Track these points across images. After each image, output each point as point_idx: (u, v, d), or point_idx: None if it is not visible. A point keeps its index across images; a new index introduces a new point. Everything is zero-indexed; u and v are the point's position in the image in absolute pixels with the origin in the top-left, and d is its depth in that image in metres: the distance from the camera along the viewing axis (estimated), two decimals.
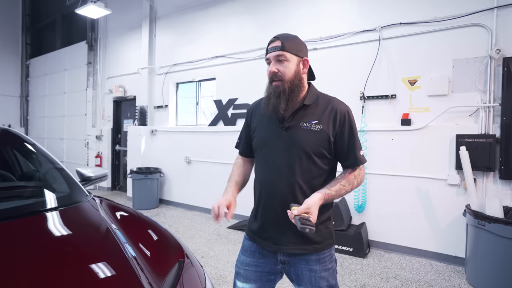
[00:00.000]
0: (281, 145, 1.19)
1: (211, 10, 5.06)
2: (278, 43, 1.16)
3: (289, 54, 1.16)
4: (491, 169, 2.91)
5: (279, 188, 1.18)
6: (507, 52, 2.90)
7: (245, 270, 1.27)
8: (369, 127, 3.57)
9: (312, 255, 1.19)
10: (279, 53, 1.15)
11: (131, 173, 5.34)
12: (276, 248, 1.21)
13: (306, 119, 1.18)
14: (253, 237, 1.28)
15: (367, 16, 3.65)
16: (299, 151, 1.16)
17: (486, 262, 2.54)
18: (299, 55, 1.19)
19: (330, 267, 1.21)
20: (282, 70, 1.16)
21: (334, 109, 1.19)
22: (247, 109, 1.42)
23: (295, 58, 1.18)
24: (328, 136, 1.17)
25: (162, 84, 5.70)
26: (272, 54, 1.17)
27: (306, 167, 1.16)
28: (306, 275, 1.19)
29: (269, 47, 1.19)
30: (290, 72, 1.16)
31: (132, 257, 1.16)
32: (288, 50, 1.16)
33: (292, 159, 1.17)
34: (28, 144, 1.88)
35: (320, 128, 1.17)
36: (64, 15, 8.02)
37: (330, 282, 1.19)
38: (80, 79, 7.29)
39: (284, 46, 1.15)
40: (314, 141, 1.16)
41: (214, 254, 3.32)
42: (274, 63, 1.18)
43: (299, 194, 1.16)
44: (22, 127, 9.11)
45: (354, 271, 2.95)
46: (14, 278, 0.94)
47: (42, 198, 1.56)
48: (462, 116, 3.12)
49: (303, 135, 1.16)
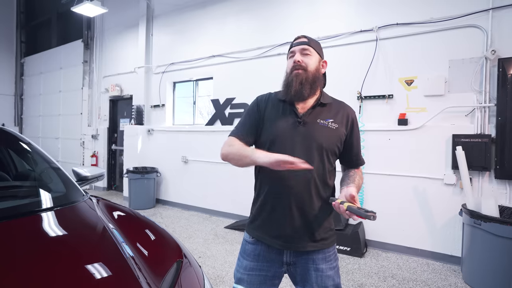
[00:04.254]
0: (299, 139, 1.18)
1: (209, 9, 5.04)
2: (305, 39, 1.26)
3: (313, 50, 1.24)
4: (486, 169, 2.93)
5: (294, 184, 1.16)
6: (502, 53, 2.92)
7: (249, 275, 1.23)
8: (366, 127, 3.59)
9: (319, 254, 1.20)
10: (305, 47, 1.23)
11: (128, 173, 5.31)
12: (287, 246, 1.19)
13: (322, 117, 1.22)
14: (260, 236, 1.23)
15: (364, 16, 3.66)
16: (317, 147, 1.18)
17: (482, 261, 2.56)
18: (320, 54, 1.28)
19: (334, 265, 1.23)
20: (306, 61, 1.22)
21: (346, 112, 1.26)
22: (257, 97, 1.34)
23: (317, 56, 1.26)
24: (341, 135, 1.22)
25: (159, 83, 5.67)
26: (298, 47, 1.24)
27: (321, 163, 1.19)
28: (313, 275, 1.19)
29: (295, 42, 1.27)
30: (313, 65, 1.23)
31: (130, 257, 1.14)
32: (313, 46, 1.25)
33: (310, 153, 1.17)
34: (23, 143, 1.85)
35: (336, 126, 1.21)
36: (59, 13, 7.94)
37: (335, 281, 1.21)
38: (76, 78, 7.22)
39: (309, 42, 1.25)
40: (330, 139, 1.20)
41: (211, 254, 3.31)
42: (299, 54, 1.23)
43: (313, 189, 1.17)
44: (16, 126, 9.01)
45: (352, 271, 2.96)
46: (10, 280, 0.93)
47: (38, 198, 1.53)
48: (458, 116, 3.14)
49: (321, 131, 1.19)
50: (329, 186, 1.22)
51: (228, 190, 4.68)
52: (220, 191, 4.80)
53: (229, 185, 4.63)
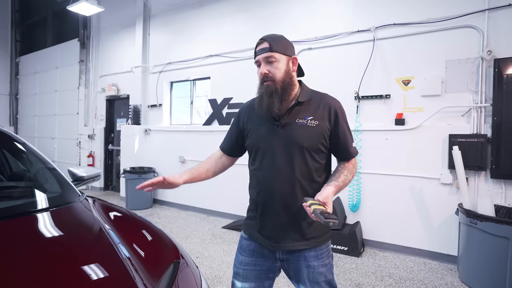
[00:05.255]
0: (279, 142, 1.19)
1: (206, 8, 5.02)
2: (266, 44, 1.18)
3: (277, 54, 1.18)
4: (482, 169, 2.95)
5: (279, 185, 1.18)
6: (498, 54, 2.94)
7: (244, 269, 1.27)
8: (364, 127, 3.59)
9: (311, 251, 1.22)
10: (268, 54, 1.17)
11: (124, 173, 5.28)
12: (277, 246, 1.21)
13: (301, 116, 1.20)
14: (253, 235, 1.28)
15: (362, 16, 3.67)
16: (298, 147, 1.17)
17: (478, 260, 2.58)
18: (287, 54, 1.21)
19: (327, 262, 1.24)
20: (272, 71, 1.18)
21: (327, 105, 1.22)
22: (239, 109, 1.42)
23: (284, 58, 1.19)
24: (324, 131, 1.20)
25: (156, 83, 5.65)
26: (261, 56, 1.19)
27: (304, 162, 1.18)
28: (304, 272, 1.21)
29: (257, 49, 1.21)
30: (280, 72, 1.18)
31: (126, 258, 1.13)
32: (276, 50, 1.17)
33: (291, 155, 1.18)
34: (18, 143, 1.83)
35: (316, 123, 1.19)
36: (55, 11, 7.87)
37: (327, 277, 1.23)
38: (72, 77, 7.17)
39: (272, 47, 1.17)
40: (311, 137, 1.18)
41: (209, 254, 3.30)
42: (264, 64, 1.19)
43: (298, 189, 1.18)
44: (11, 126, 8.92)
45: (349, 270, 2.96)
46: (5, 281, 0.92)
47: (33, 198, 1.52)
48: (454, 116, 3.16)
49: (300, 131, 1.18)
50: (317, 183, 1.20)
51: (226, 190, 4.67)
52: (217, 191, 4.79)
53: (226, 185, 4.62)
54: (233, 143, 1.38)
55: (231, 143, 1.38)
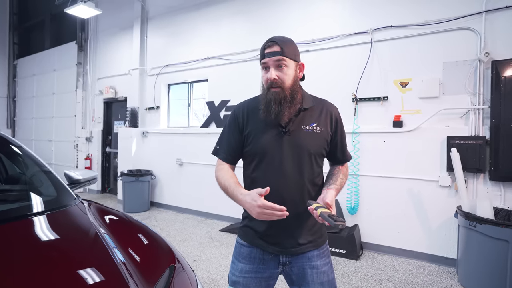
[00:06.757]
0: (287, 149, 1.17)
1: (204, 11, 5.03)
2: (277, 48, 1.12)
3: (288, 59, 1.14)
4: (481, 171, 2.95)
5: (288, 192, 1.17)
6: (495, 56, 2.95)
7: (244, 278, 1.23)
8: (361, 129, 3.59)
9: (314, 251, 1.22)
10: (280, 58, 1.12)
11: (122, 176, 5.25)
12: (284, 251, 1.20)
13: (306, 122, 1.20)
14: (254, 242, 1.23)
15: (359, 18, 3.67)
16: (306, 153, 1.18)
17: (477, 263, 2.56)
18: (296, 59, 1.18)
19: (328, 261, 1.26)
20: (282, 77, 1.13)
21: (328, 111, 1.25)
22: (234, 110, 1.30)
23: (293, 64, 1.16)
24: (327, 137, 1.23)
25: (154, 86, 5.64)
26: (271, 59, 1.13)
27: (311, 167, 1.20)
28: (308, 273, 1.20)
29: (267, 52, 1.14)
30: (290, 79, 1.15)
31: (121, 263, 1.11)
32: (288, 55, 1.13)
33: (300, 162, 1.18)
34: (14, 146, 1.82)
35: (320, 130, 1.21)
36: (53, 14, 7.86)
37: (330, 276, 1.23)
38: (69, 80, 7.15)
39: (284, 51, 1.12)
40: (317, 143, 1.20)
41: (206, 258, 3.27)
42: (274, 69, 1.14)
43: (306, 194, 1.19)
44: (8, 128, 8.88)
45: (347, 274, 2.94)
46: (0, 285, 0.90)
47: (28, 202, 1.50)
48: (452, 118, 3.16)
49: (307, 138, 1.19)
50: (317, 186, 1.24)
51: (223, 193, 4.64)
52: (215, 194, 4.75)
53: None
54: (237, 153, 1.26)
55: (236, 153, 1.26)
